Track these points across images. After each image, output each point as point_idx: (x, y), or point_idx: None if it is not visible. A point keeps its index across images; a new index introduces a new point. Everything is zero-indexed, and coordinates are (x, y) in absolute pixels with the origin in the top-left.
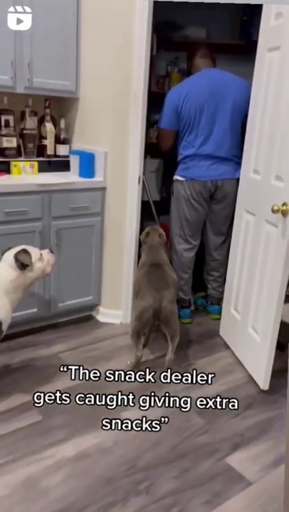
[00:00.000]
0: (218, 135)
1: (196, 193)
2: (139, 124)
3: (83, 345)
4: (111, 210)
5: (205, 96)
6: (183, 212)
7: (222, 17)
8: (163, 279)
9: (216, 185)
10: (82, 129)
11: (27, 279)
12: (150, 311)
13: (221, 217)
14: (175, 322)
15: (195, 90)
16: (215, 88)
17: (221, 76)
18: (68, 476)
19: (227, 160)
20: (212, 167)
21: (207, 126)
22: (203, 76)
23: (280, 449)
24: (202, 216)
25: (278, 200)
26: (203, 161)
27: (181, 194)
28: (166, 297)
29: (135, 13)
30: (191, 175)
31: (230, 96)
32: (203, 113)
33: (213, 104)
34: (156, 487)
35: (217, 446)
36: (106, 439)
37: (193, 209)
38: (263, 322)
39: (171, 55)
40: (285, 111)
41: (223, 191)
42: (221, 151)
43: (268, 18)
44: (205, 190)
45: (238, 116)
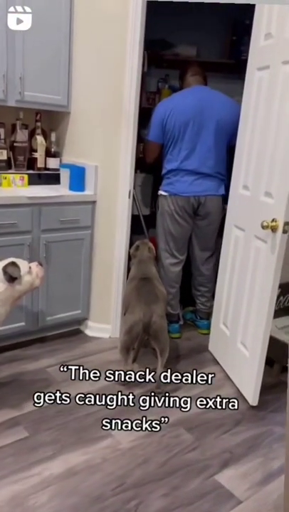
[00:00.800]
0: (202, 151)
1: (180, 208)
2: (130, 139)
3: (71, 360)
4: (101, 224)
5: (190, 112)
6: (168, 227)
7: (212, 36)
8: (152, 293)
9: (198, 201)
10: (72, 142)
11: (15, 292)
12: (140, 326)
13: (207, 233)
14: (165, 337)
15: (181, 106)
16: (201, 105)
17: (209, 94)
18: (55, 495)
19: (211, 176)
20: (195, 183)
21: (191, 142)
22: (191, 93)
23: (269, 466)
24: (187, 231)
25: (268, 216)
26: (187, 177)
27: (165, 209)
28: (156, 312)
29: (127, 31)
30: (174, 190)
31: (215, 114)
32: (188, 129)
33: (198, 120)
34: (146, 506)
35: (206, 463)
36: (94, 455)
37: (178, 224)
38: (252, 337)
39: (162, 72)
40: (274, 128)
41: (206, 207)
42: (204, 167)
43: (258, 38)
44: (188, 206)
45: (223, 134)
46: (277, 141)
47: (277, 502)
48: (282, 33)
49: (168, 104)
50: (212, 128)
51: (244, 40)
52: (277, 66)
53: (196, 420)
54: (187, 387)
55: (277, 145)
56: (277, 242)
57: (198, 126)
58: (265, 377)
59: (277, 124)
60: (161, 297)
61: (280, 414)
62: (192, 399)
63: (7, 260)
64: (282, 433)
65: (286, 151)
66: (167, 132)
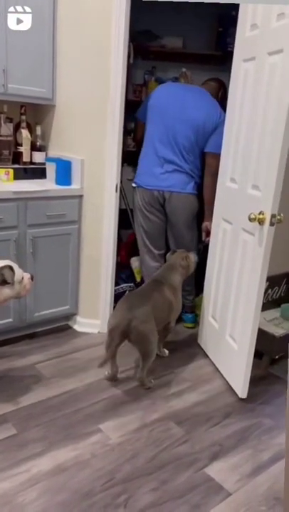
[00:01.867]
0: (175, 141)
1: (146, 203)
2: (116, 132)
3: (60, 356)
4: (88, 218)
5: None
6: (140, 222)
7: (198, 28)
8: (145, 297)
9: (163, 196)
10: (58, 136)
11: (2, 294)
12: (118, 330)
13: (179, 230)
14: (146, 343)
15: (167, 94)
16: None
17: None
18: (45, 492)
19: (180, 172)
20: (162, 177)
21: (163, 126)
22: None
23: (258, 458)
24: (159, 227)
25: (255, 209)
26: (155, 168)
27: (136, 202)
28: (137, 317)
29: (112, 22)
30: (141, 182)
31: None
32: (164, 113)
33: (176, 115)
34: (135, 500)
35: (196, 456)
36: (84, 451)
37: (148, 219)
38: (240, 330)
39: (148, 64)
40: (260, 120)
41: (171, 204)
42: (175, 158)
43: (243, 29)
44: (153, 200)
45: (199, 135)
46: (263, 133)
47: (267, 493)
48: (267, 24)
49: (163, 88)
50: (190, 126)
51: (230, 31)
52: (262, 57)
53: (186, 414)
54: (176, 380)
55: (264, 137)
56: (265, 235)
57: (174, 120)
58: (254, 370)
59: (264, 116)
60: (154, 302)
61: (269, 406)
62: (181, 392)
63: (4, 262)
64: (271, 425)
65: (273, 144)
66: (148, 111)
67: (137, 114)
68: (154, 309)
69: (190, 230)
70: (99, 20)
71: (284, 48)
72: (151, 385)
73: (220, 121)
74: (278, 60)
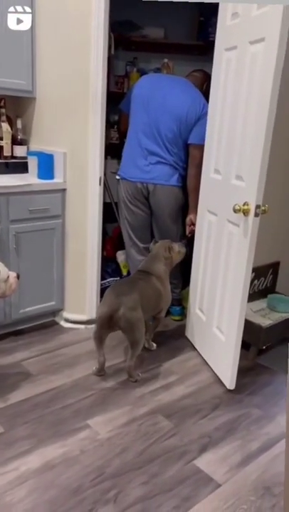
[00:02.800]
0: (158, 132)
1: (130, 195)
2: (98, 124)
3: (47, 352)
4: (72, 212)
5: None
6: (124, 215)
7: (180, 17)
8: (132, 285)
9: (147, 189)
10: (39, 129)
11: None
12: (107, 318)
13: (164, 223)
14: (135, 330)
15: (150, 84)
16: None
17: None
18: (33, 489)
19: (164, 163)
20: (145, 169)
21: (148, 124)
22: (172, 79)
23: (247, 448)
24: (144, 219)
25: (239, 200)
26: (139, 160)
27: (120, 195)
28: (125, 304)
29: (91, 11)
30: (124, 174)
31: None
32: (146, 111)
33: (158, 107)
34: (125, 495)
35: (185, 448)
36: (72, 447)
37: (132, 212)
38: (227, 322)
39: (130, 55)
40: (243, 110)
41: (155, 196)
42: (158, 149)
43: (224, 18)
44: (137, 193)
45: (182, 126)
46: (246, 123)
47: (256, 483)
48: (248, 12)
49: (146, 79)
50: (173, 117)
51: (212, 21)
52: (244, 46)
53: (174, 407)
54: (164, 373)
55: (247, 127)
56: (250, 226)
57: (156, 112)
58: (241, 361)
59: (246, 106)
60: (141, 290)
61: (257, 397)
62: (169, 385)
63: None
64: (259, 415)
65: (256, 133)
66: (132, 102)
67: (121, 105)
68: (141, 297)
69: (175, 222)
70: (78, 11)
71: (265, 36)
72: (138, 378)
73: (203, 113)
74: (260, 48)
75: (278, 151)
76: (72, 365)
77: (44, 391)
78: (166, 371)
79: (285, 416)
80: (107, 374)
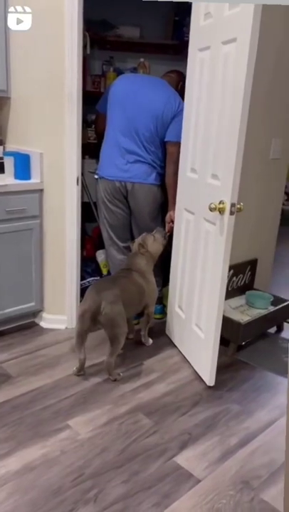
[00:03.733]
0: (136, 132)
1: (108, 194)
2: (74, 124)
3: (27, 354)
4: (50, 213)
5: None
6: (103, 215)
7: (155, 17)
8: (112, 281)
9: (125, 188)
10: (15, 129)
11: None
12: (89, 315)
13: (143, 222)
14: (114, 326)
15: (127, 83)
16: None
17: (158, 85)
18: (13, 492)
19: (142, 162)
20: (123, 168)
21: (126, 124)
22: (148, 79)
23: (226, 443)
24: (123, 218)
25: (215, 199)
26: (117, 159)
27: (99, 194)
28: (105, 299)
29: (64, 10)
30: (103, 173)
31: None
32: (123, 111)
33: (135, 106)
34: (105, 494)
35: (165, 446)
36: (53, 448)
37: (111, 212)
38: (206, 319)
39: (106, 54)
40: (217, 110)
41: (134, 195)
42: (136, 148)
43: (198, 18)
44: (116, 192)
45: (158, 124)
46: (220, 122)
47: (235, 478)
48: (221, 12)
49: (122, 79)
50: (150, 116)
51: (186, 20)
52: (217, 46)
53: (155, 405)
54: (144, 371)
55: (221, 126)
56: (226, 224)
57: (133, 110)
58: (221, 357)
59: (221, 105)
60: (122, 286)
61: (236, 392)
62: (150, 383)
63: None
64: (238, 410)
65: (230, 133)
66: (108, 102)
67: (98, 106)
68: (122, 293)
69: (154, 220)
70: (51, 9)
71: (237, 36)
72: (119, 377)
73: (179, 110)
74: (232, 48)
75: (253, 150)
76: (52, 365)
77: (24, 392)
78: (146, 369)
79: (263, 411)
80: (88, 374)
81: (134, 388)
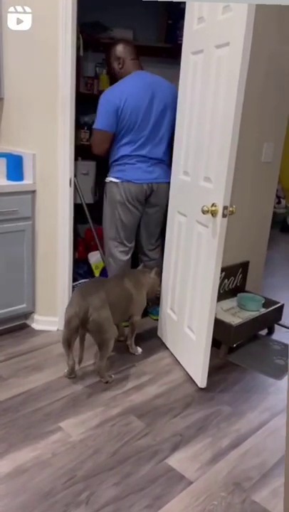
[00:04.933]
0: (155, 138)
1: (132, 196)
2: (67, 126)
3: (17, 355)
4: (42, 214)
5: (144, 100)
6: (119, 216)
7: (148, 19)
8: (98, 284)
9: (151, 188)
10: (8, 130)
11: None
12: (76, 321)
13: (155, 220)
14: (101, 331)
15: (134, 93)
16: (152, 92)
17: (154, 79)
18: (4, 495)
19: (161, 163)
20: (148, 170)
21: (145, 129)
22: (139, 79)
23: (218, 445)
24: (137, 219)
25: (208, 201)
26: (140, 164)
27: (116, 197)
28: (92, 304)
29: (59, 12)
30: (127, 177)
31: (163, 100)
32: (141, 116)
33: (151, 108)
34: (97, 496)
35: (157, 448)
36: (44, 451)
37: (129, 212)
38: (198, 321)
39: (99, 57)
40: (210, 113)
41: (157, 195)
42: (157, 153)
43: (191, 22)
44: (141, 193)
45: (170, 119)
46: (213, 125)
47: (226, 479)
48: (214, 17)
49: (121, 91)
50: (162, 114)
51: (180, 24)
52: (210, 50)
53: (147, 407)
54: (136, 373)
55: (214, 130)
56: (218, 227)
57: (150, 113)
58: (212, 359)
59: (213, 109)
60: (108, 289)
61: (227, 394)
62: (142, 385)
63: None
64: (229, 412)
65: (223, 136)
66: (122, 120)
67: (104, 126)
68: (108, 295)
69: (164, 217)
70: (45, 10)
71: (230, 41)
72: (110, 379)
73: None
74: (225, 53)
75: (245, 154)
76: (43, 367)
77: (15, 395)
78: (138, 371)
79: (254, 413)
80: (79, 376)
81: (125, 390)
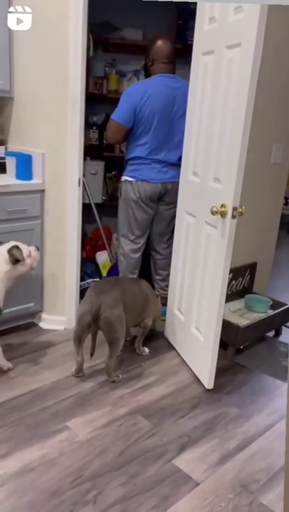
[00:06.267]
0: (172, 142)
1: (146, 195)
2: (77, 125)
3: (25, 354)
4: (51, 213)
5: (166, 102)
6: (132, 214)
7: (158, 20)
8: (114, 283)
9: (166, 188)
10: (18, 129)
11: (17, 272)
12: (88, 317)
13: (167, 218)
14: (114, 329)
15: (158, 94)
16: (172, 97)
17: (179, 85)
18: (11, 493)
19: (176, 165)
20: (163, 170)
21: (162, 133)
22: (164, 82)
23: (225, 446)
24: (151, 217)
25: (217, 202)
26: (154, 164)
27: (130, 196)
28: (105, 302)
29: (69, 12)
30: (142, 176)
31: (183, 106)
32: (162, 118)
33: (172, 112)
34: (104, 496)
35: (164, 448)
36: (51, 450)
37: (143, 210)
38: (205, 322)
39: (109, 57)
40: (220, 114)
41: (172, 194)
42: (171, 157)
43: (202, 22)
44: (155, 192)
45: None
46: (224, 126)
47: (234, 481)
48: (225, 17)
49: (144, 89)
50: (183, 120)
51: (190, 24)
52: (221, 51)
53: (154, 407)
54: (143, 374)
55: (225, 130)
56: (227, 227)
57: (170, 116)
58: (219, 360)
59: (223, 110)
60: (124, 288)
61: (234, 396)
62: (149, 386)
63: (10, 243)
64: (237, 413)
65: (233, 137)
66: (140, 119)
67: (120, 118)
68: (123, 295)
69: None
70: (56, 11)
71: (241, 42)
72: (118, 379)
73: None
74: (236, 54)
75: (255, 155)
76: (51, 366)
77: (22, 393)
78: (145, 372)
79: (261, 415)
80: (87, 375)
81: (133, 390)
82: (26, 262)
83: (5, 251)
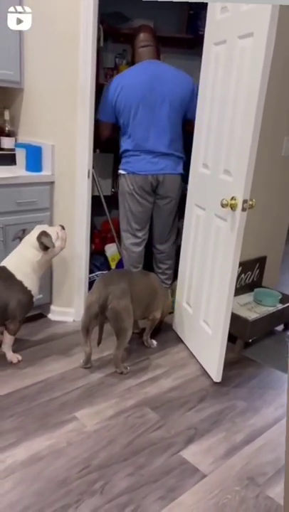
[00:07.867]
0: (157, 130)
1: (138, 187)
2: (86, 117)
3: (34, 345)
4: (60, 205)
5: (141, 91)
6: (128, 207)
7: (169, 10)
8: (123, 274)
9: (157, 180)
10: (28, 121)
11: (49, 256)
12: (96, 307)
13: (166, 212)
14: (121, 320)
15: (131, 84)
16: (152, 83)
17: (159, 69)
18: (20, 482)
19: (167, 155)
20: (152, 161)
21: (144, 122)
22: (142, 69)
23: (232, 439)
24: (148, 210)
25: (227, 195)
26: (144, 155)
27: (125, 189)
28: (112, 292)
29: (80, 3)
30: (132, 169)
31: (167, 91)
32: (139, 108)
33: (150, 99)
34: (111, 486)
35: (171, 440)
36: (59, 440)
37: (138, 203)
38: (214, 315)
39: (119, 47)
40: (231, 105)
41: (165, 186)
42: (160, 146)
43: (214, 12)
44: (146, 184)
45: (177, 111)
46: (234, 118)
47: (240, 474)
48: (238, 7)
49: (119, 81)
50: (165, 106)
51: (201, 14)
52: (233, 41)
53: (161, 399)
54: (151, 366)
55: (235, 122)
56: (237, 220)
57: (150, 104)
58: (228, 354)
59: (235, 101)
60: (132, 280)
61: (242, 389)
62: (156, 378)
63: (37, 229)
64: (244, 407)
65: (244, 129)
66: (118, 113)
67: (101, 116)
68: (131, 287)
69: (175, 209)
70: (67, 1)
71: (254, 31)
72: (126, 370)
73: (194, 87)
74: (248, 43)
75: (265, 147)
76: (59, 358)
77: (31, 384)
78: (153, 364)
79: (269, 409)
80: (95, 366)
81: (140, 382)
82: (56, 245)
83: (34, 239)
